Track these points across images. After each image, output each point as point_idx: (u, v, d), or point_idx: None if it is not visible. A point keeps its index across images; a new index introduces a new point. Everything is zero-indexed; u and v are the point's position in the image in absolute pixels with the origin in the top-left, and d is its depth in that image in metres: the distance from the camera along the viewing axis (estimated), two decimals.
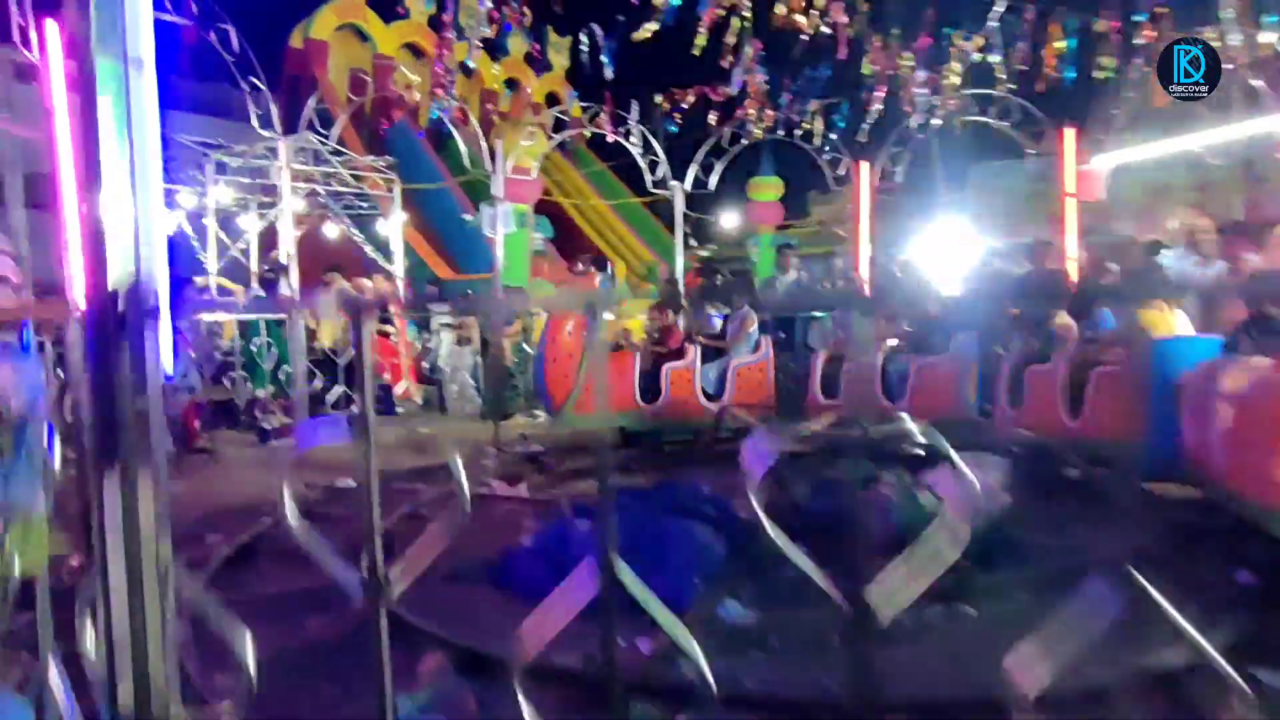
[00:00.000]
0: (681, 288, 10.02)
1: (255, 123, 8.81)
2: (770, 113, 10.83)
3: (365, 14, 17.85)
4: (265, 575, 3.86)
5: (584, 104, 11.72)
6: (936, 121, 9.86)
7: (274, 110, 8.49)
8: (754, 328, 7.74)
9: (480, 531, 3.97)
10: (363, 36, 18.09)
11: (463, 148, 10.41)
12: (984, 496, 3.36)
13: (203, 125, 13.40)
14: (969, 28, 9.51)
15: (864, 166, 9.46)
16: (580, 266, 10.19)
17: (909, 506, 3.56)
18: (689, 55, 9.80)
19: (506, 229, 8.83)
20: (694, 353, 7.38)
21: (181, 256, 10.98)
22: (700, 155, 10.69)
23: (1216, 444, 3.83)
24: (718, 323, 8.38)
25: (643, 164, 10.21)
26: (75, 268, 3.33)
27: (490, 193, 9.71)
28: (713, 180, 10.96)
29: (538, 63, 18.07)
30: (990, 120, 9.11)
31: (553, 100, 18.14)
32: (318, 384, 8.78)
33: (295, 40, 17.41)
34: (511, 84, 18.94)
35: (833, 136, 11.08)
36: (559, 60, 18.85)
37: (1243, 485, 3.64)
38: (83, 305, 1.13)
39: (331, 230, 12.92)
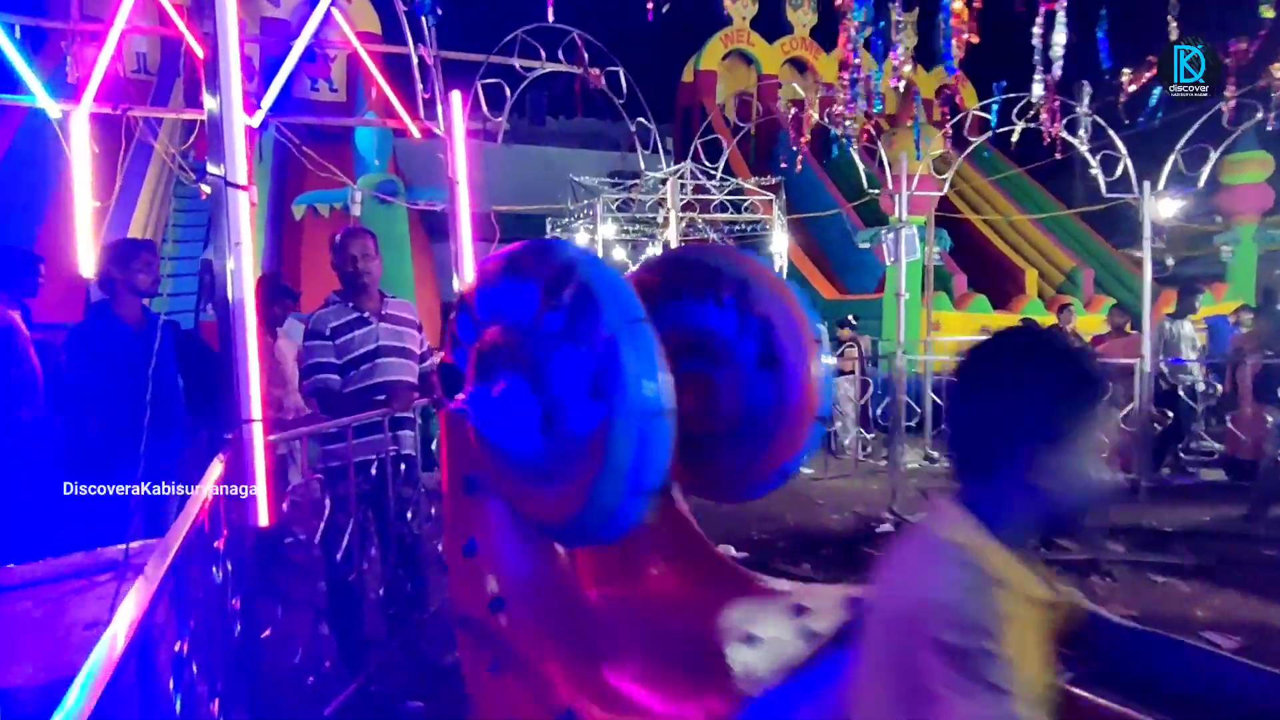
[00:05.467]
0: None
1: (641, 163, 9.20)
2: None
3: (750, 37, 17.99)
4: None
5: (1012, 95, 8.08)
6: None
7: (660, 147, 8.55)
8: None
9: None
10: (747, 60, 18.29)
11: (859, 165, 9.44)
12: None
13: (594, 160, 14.51)
14: None
15: None
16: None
17: None
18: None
19: (912, 256, 7.54)
20: None
21: None
22: (1182, 143, 7.33)
23: None
24: None
25: (1095, 164, 7.27)
26: None
27: (879, 207, 8.74)
28: (1203, 176, 7.64)
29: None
30: None
31: (944, 94, 16.41)
32: None
33: (687, 75, 18.21)
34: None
35: None
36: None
37: None
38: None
39: None
